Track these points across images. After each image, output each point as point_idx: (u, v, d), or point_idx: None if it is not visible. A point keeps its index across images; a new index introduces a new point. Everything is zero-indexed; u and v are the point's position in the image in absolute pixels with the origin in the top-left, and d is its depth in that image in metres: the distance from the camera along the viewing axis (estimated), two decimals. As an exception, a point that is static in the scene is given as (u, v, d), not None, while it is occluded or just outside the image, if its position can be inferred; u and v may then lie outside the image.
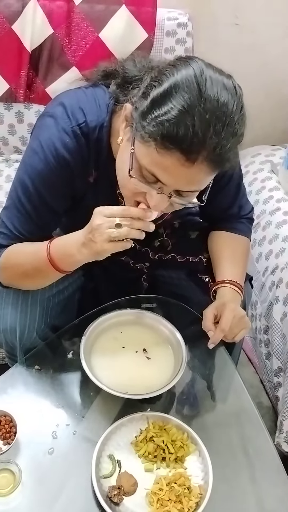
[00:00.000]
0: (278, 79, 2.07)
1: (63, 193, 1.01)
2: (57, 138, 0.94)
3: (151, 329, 1.14)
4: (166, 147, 0.77)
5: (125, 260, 1.26)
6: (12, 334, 1.07)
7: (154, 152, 0.79)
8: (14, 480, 0.88)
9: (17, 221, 1.00)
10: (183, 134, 0.75)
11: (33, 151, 0.97)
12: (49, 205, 1.00)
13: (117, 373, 1.05)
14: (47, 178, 0.96)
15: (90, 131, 0.95)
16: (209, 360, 1.16)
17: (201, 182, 0.84)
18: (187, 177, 0.80)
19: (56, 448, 0.95)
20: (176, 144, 0.76)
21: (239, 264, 1.16)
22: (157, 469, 0.94)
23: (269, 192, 1.79)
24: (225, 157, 0.80)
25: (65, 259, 0.95)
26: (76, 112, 0.95)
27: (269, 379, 1.60)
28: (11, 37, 1.59)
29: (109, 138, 0.98)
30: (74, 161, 0.96)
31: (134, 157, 0.83)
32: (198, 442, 0.96)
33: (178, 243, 1.27)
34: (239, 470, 0.97)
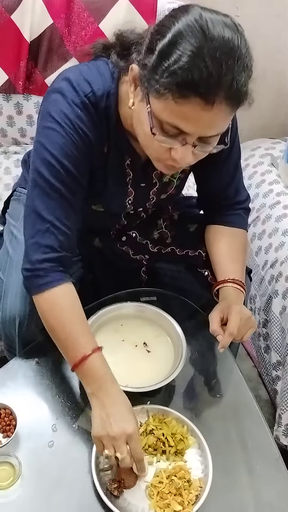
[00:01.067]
0: (278, 72, 2.06)
1: (85, 167, 0.98)
2: (70, 111, 0.92)
3: (151, 322, 1.14)
4: (184, 95, 0.77)
5: (125, 250, 1.26)
6: (11, 325, 1.07)
7: (172, 103, 0.78)
8: (14, 473, 0.88)
9: (57, 208, 0.95)
10: (198, 78, 0.75)
11: (48, 128, 0.94)
12: (78, 180, 0.96)
13: (117, 366, 1.03)
14: (70, 152, 0.93)
15: (98, 100, 0.94)
16: (209, 353, 1.16)
17: (222, 124, 0.84)
18: (208, 121, 0.80)
19: (56, 441, 0.95)
20: (193, 90, 0.76)
21: (238, 260, 1.15)
22: (157, 462, 0.94)
23: (269, 186, 1.79)
24: (241, 93, 0.80)
25: (85, 382, 0.93)
26: (81, 83, 0.93)
27: (267, 372, 1.61)
28: (10, 28, 1.57)
29: (117, 106, 0.97)
30: (91, 132, 0.95)
31: (152, 114, 0.83)
32: (198, 435, 0.96)
33: (177, 235, 1.27)
34: (239, 463, 0.97)
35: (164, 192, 1.16)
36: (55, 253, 0.95)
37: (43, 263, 0.94)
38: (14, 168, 1.71)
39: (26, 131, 1.75)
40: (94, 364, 0.92)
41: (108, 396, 0.90)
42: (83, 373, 0.93)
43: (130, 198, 1.12)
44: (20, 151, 1.77)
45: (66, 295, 0.96)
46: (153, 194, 1.15)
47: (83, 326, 0.96)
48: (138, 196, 1.12)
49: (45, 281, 0.94)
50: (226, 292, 1.09)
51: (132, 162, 1.06)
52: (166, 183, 1.14)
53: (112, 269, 1.27)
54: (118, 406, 0.90)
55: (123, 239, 1.26)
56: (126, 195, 1.11)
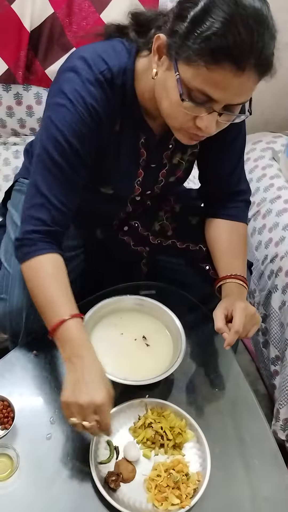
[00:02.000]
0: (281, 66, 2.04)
1: (92, 146, 0.98)
2: (83, 89, 0.92)
3: (150, 316, 1.13)
4: (217, 60, 0.77)
5: (126, 240, 1.25)
6: (18, 316, 1.07)
7: (204, 70, 0.79)
8: (12, 465, 0.88)
9: (55, 186, 0.96)
10: (232, 43, 0.76)
11: (58, 105, 0.94)
12: (83, 159, 0.96)
13: (116, 359, 1.04)
14: (78, 129, 0.93)
15: (114, 76, 0.94)
16: (208, 347, 1.15)
17: (249, 92, 0.84)
18: (238, 87, 0.81)
19: (54, 434, 0.94)
20: (226, 55, 0.77)
21: (239, 255, 1.15)
22: (155, 455, 0.94)
23: (270, 180, 1.78)
24: (270, 61, 0.82)
25: (60, 345, 0.92)
26: (97, 61, 0.93)
27: (266, 367, 1.61)
28: (11, 17, 1.55)
29: (134, 82, 0.97)
30: (102, 109, 0.94)
31: (181, 81, 0.83)
32: (196, 429, 0.96)
33: (179, 228, 1.27)
34: (237, 457, 0.97)
35: (173, 174, 1.15)
36: (46, 227, 0.97)
37: (32, 234, 0.97)
38: (13, 159, 1.70)
39: (26, 122, 1.74)
40: (71, 329, 0.91)
41: (83, 362, 0.89)
42: (60, 338, 0.92)
43: (139, 179, 1.11)
44: (19, 142, 1.75)
45: (50, 262, 0.97)
46: (162, 176, 1.14)
47: (64, 291, 0.96)
48: (147, 178, 1.12)
49: (31, 250, 0.96)
50: (229, 288, 1.08)
51: (146, 141, 1.05)
52: (175, 165, 1.14)
53: (113, 261, 1.26)
54: (91, 374, 0.88)
55: (124, 229, 1.26)
56: (136, 176, 1.11)
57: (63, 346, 0.92)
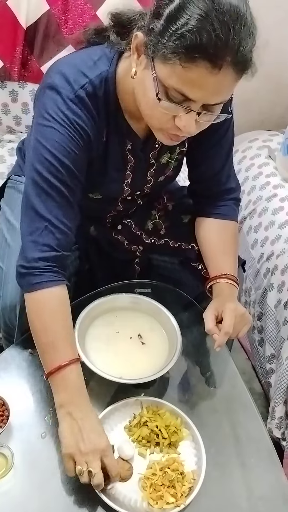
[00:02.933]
0: (277, 64, 2.04)
1: (84, 163, 0.97)
2: (65, 108, 0.91)
3: (146, 314, 1.13)
4: (191, 58, 0.76)
5: (120, 239, 1.25)
6: (12, 313, 1.06)
7: (179, 68, 0.78)
8: (7, 464, 0.87)
9: (55, 207, 0.93)
10: (207, 40, 0.75)
11: (43, 126, 0.93)
12: (77, 177, 0.95)
13: (112, 357, 1.04)
14: (69, 148, 0.92)
15: (97, 88, 0.94)
16: (203, 345, 1.15)
17: (227, 91, 0.84)
18: (215, 86, 0.80)
19: (49, 433, 0.94)
20: (201, 52, 0.76)
21: (230, 254, 1.14)
22: (151, 454, 0.94)
23: (266, 178, 1.78)
24: (247, 59, 0.81)
25: (55, 390, 0.91)
26: (76, 76, 0.92)
27: (261, 365, 1.61)
28: (6, 13, 1.54)
29: (115, 89, 0.96)
30: (88, 125, 0.94)
31: (157, 80, 0.82)
32: (192, 427, 0.96)
33: (171, 227, 1.27)
34: (232, 456, 0.97)
35: (162, 174, 1.15)
36: (53, 252, 0.93)
37: (39, 261, 0.93)
38: (9, 156, 1.68)
39: (21, 119, 1.73)
40: (69, 375, 0.90)
41: (79, 409, 0.88)
42: (57, 383, 0.90)
43: (127, 180, 1.11)
44: (14, 140, 1.74)
45: (56, 298, 0.94)
46: (150, 175, 1.13)
47: (66, 333, 0.94)
48: (135, 178, 1.12)
49: (38, 280, 0.92)
50: (219, 288, 1.08)
51: (133, 147, 1.05)
52: (164, 165, 1.13)
53: (107, 259, 1.26)
54: (89, 420, 0.87)
55: (118, 228, 1.26)
56: (124, 179, 1.10)
57: (58, 392, 0.90)
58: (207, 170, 1.17)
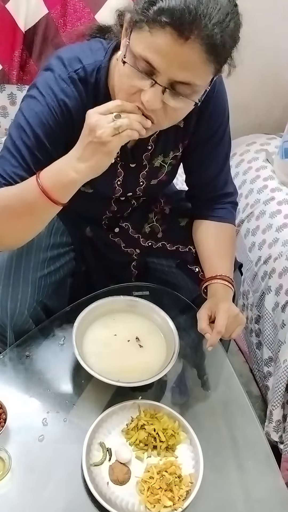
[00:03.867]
0: (274, 68, 2.05)
1: (61, 139, 0.97)
2: (55, 84, 0.94)
3: (143, 317, 1.13)
4: (158, 22, 0.77)
5: (117, 242, 1.25)
6: (3, 312, 1.06)
7: (148, 35, 0.79)
8: (4, 467, 0.87)
9: (9, 165, 0.95)
10: (175, 5, 0.76)
11: (30, 97, 0.95)
12: (46, 148, 0.95)
13: (109, 360, 1.04)
14: (46, 120, 0.94)
15: (88, 75, 0.95)
16: (201, 348, 1.15)
17: (195, 69, 0.81)
18: (180, 57, 0.79)
19: (47, 435, 0.94)
20: (167, 17, 0.76)
21: (226, 256, 1.15)
22: (148, 457, 0.94)
23: (263, 181, 1.78)
24: (218, 42, 0.79)
25: (59, 184, 0.88)
26: (72, 60, 0.95)
27: (259, 368, 1.61)
28: (5, 17, 1.55)
29: (107, 80, 0.97)
30: (73, 105, 0.95)
31: (128, 48, 0.83)
32: (189, 431, 0.96)
33: (168, 230, 1.27)
34: (230, 459, 0.97)
35: (155, 177, 1.15)
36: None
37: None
38: (7, 159, 1.69)
39: (20, 122, 1.74)
40: (46, 174, 0.89)
41: (67, 158, 0.88)
42: (52, 185, 0.88)
43: (119, 179, 1.11)
44: (13, 143, 1.75)
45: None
46: (143, 177, 1.14)
47: (18, 186, 0.93)
48: (127, 178, 1.12)
49: None
50: (214, 289, 1.09)
51: None
52: (157, 168, 1.14)
53: (103, 261, 1.26)
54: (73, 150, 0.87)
55: (115, 230, 1.26)
56: (115, 176, 1.10)
57: (56, 181, 0.89)
58: (204, 176, 1.17)
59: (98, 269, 1.27)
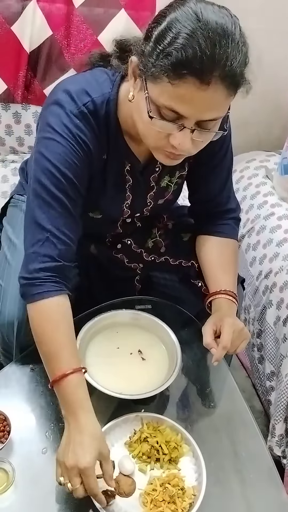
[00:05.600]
0: (273, 86, 2.09)
1: (85, 176, 0.99)
2: (69, 122, 0.94)
3: (146, 330, 1.14)
4: (179, 74, 0.78)
5: (120, 258, 1.27)
6: (9, 329, 1.07)
7: (168, 86, 0.80)
8: (8, 479, 0.87)
9: (57, 217, 0.94)
10: (193, 56, 0.77)
11: (48, 138, 0.95)
12: (78, 189, 0.97)
13: (112, 373, 1.05)
14: (71, 160, 0.94)
15: (98, 108, 0.96)
16: (203, 362, 1.16)
17: (219, 107, 0.84)
18: (205, 101, 0.81)
19: (50, 448, 0.94)
20: (187, 68, 0.77)
21: (230, 271, 1.16)
22: (151, 469, 0.94)
23: (263, 197, 1.81)
24: (237, 74, 0.81)
25: (60, 398, 0.92)
26: (80, 94, 0.95)
27: (261, 383, 1.61)
28: (10, 38, 1.59)
29: (116, 111, 0.99)
30: (90, 140, 0.96)
31: (149, 100, 0.84)
32: (192, 443, 0.96)
33: (171, 245, 1.28)
34: (232, 472, 0.97)
35: (162, 197, 1.17)
36: (54, 263, 0.94)
37: (40, 272, 0.93)
38: (12, 176, 1.72)
39: (24, 140, 1.77)
40: (71, 386, 0.89)
41: (77, 423, 0.88)
42: (60, 392, 0.91)
43: (127, 202, 1.13)
44: (17, 160, 1.78)
45: (58, 308, 0.94)
46: (150, 198, 1.16)
47: (69, 343, 0.94)
48: (135, 200, 1.14)
49: (40, 291, 0.93)
50: (218, 304, 1.09)
51: (131, 168, 1.07)
52: (164, 188, 1.16)
53: (107, 277, 1.28)
54: (82, 436, 0.86)
55: (118, 247, 1.28)
56: (124, 199, 1.12)
57: (62, 403, 0.91)
58: (208, 193, 1.19)
59: (101, 285, 1.29)
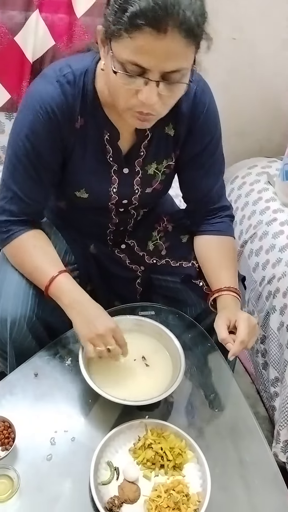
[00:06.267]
0: (274, 92, 2.10)
1: (54, 146, 1.05)
2: (42, 89, 1.02)
3: (150, 336, 1.15)
4: (135, 27, 0.82)
5: (122, 258, 1.29)
6: (3, 327, 1.07)
7: (128, 40, 0.84)
8: (12, 486, 0.87)
9: (21, 181, 1.07)
10: (146, 7, 0.80)
11: (21, 107, 1.05)
12: (47, 162, 1.06)
13: (116, 380, 1.05)
14: (38, 130, 1.02)
15: (76, 78, 1.02)
16: (206, 367, 1.16)
17: (180, 57, 0.86)
18: (164, 50, 0.83)
19: (55, 455, 0.94)
20: (142, 19, 0.81)
21: (230, 268, 1.17)
22: (156, 476, 0.94)
23: (265, 203, 1.81)
24: (193, 22, 0.83)
25: (58, 298, 1.05)
26: (63, 66, 1.03)
27: (265, 389, 1.61)
28: (13, 48, 1.61)
29: (94, 81, 1.03)
30: (59, 108, 1.01)
31: (114, 59, 0.88)
32: (196, 450, 0.96)
33: (171, 247, 1.30)
34: (237, 478, 0.97)
35: (149, 185, 1.19)
36: (16, 217, 1.10)
37: (6, 223, 1.10)
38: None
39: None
40: (62, 282, 1.05)
41: (82, 303, 1.04)
42: (55, 292, 1.05)
43: (114, 186, 1.15)
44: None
45: (29, 237, 1.10)
46: (137, 184, 1.17)
47: (47, 255, 1.10)
48: (122, 185, 1.16)
49: (8, 233, 1.10)
50: (224, 301, 1.11)
51: (111, 138, 1.09)
52: (151, 176, 1.17)
53: (107, 277, 1.29)
54: (93, 309, 1.04)
55: (122, 247, 1.30)
56: (110, 183, 1.14)
57: (60, 298, 1.05)
58: (200, 190, 1.21)
59: (102, 286, 1.29)
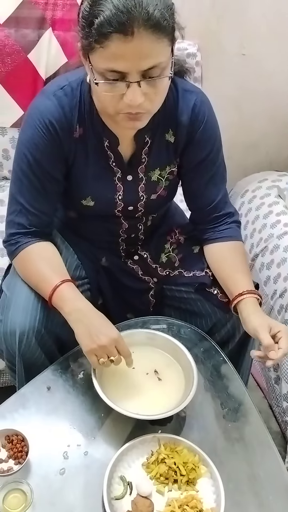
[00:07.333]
0: (283, 107, 2.12)
1: (56, 157, 1.09)
2: (41, 104, 1.06)
3: (162, 350, 1.14)
4: (103, 36, 0.86)
5: (135, 269, 1.30)
6: (12, 339, 1.08)
7: (101, 50, 0.88)
8: (26, 500, 0.87)
9: (27, 194, 1.10)
10: (109, 15, 0.84)
11: (23, 123, 1.09)
12: (49, 173, 1.09)
13: (129, 394, 1.05)
14: (39, 143, 1.06)
15: (74, 89, 1.06)
16: (219, 381, 1.16)
17: (153, 53, 0.88)
18: (136, 51, 0.87)
19: (68, 469, 0.94)
20: (108, 27, 0.85)
21: (245, 271, 1.18)
22: (169, 491, 0.93)
23: (276, 217, 1.81)
24: (158, 18, 0.86)
25: (60, 308, 1.06)
26: (62, 80, 1.09)
27: (278, 404, 1.59)
28: (27, 66, 1.64)
29: (90, 91, 1.06)
30: (57, 120, 1.05)
31: (94, 70, 0.92)
32: (210, 464, 0.95)
33: (184, 258, 1.31)
34: (251, 494, 0.96)
35: (154, 192, 1.20)
36: (25, 229, 1.13)
37: (15, 235, 1.14)
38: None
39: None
40: (63, 291, 1.06)
41: (83, 312, 1.04)
42: (57, 301, 1.06)
43: (119, 193, 1.17)
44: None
45: (36, 248, 1.13)
46: (141, 191, 1.19)
47: (52, 265, 1.12)
48: (127, 192, 1.17)
49: (16, 246, 1.13)
50: (250, 305, 1.10)
51: (111, 144, 1.12)
52: (155, 182, 1.19)
53: (120, 290, 1.29)
54: (95, 319, 1.04)
55: (135, 258, 1.31)
56: (115, 191, 1.16)
57: (61, 307, 1.05)
58: (204, 199, 1.23)
59: (114, 299, 1.30)
